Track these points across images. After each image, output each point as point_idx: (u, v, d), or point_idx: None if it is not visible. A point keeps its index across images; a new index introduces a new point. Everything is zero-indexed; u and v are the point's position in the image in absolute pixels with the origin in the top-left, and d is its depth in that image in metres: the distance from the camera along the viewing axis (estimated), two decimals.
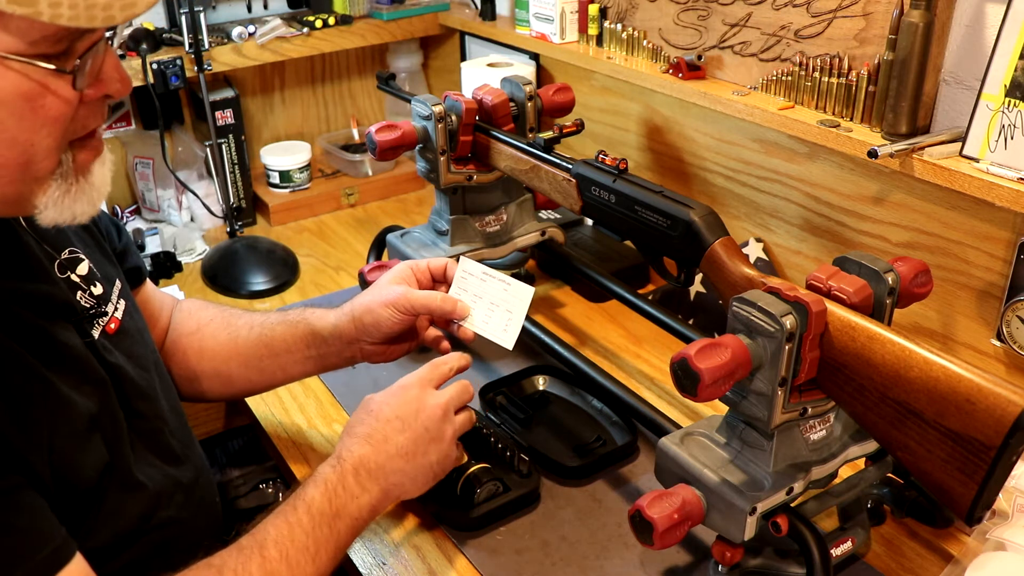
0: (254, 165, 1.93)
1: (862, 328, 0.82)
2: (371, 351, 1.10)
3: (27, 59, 0.67)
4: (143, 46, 1.64)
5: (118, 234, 1.07)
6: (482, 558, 1.03)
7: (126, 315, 0.96)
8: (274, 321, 1.13)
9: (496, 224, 1.42)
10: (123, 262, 1.05)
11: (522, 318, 1.06)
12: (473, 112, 1.32)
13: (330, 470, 0.91)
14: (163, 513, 0.90)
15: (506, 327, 1.06)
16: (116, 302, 0.95)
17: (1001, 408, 0.73)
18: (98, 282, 0.92)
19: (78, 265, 0.91)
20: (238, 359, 1.13)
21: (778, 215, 1.38)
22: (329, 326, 1.09)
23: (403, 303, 1.05)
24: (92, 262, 0.93)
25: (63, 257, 0.89)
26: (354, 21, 1.89)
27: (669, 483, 0.94)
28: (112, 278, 0.96)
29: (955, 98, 1.11)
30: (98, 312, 0.90)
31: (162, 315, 1.15)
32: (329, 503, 0.88)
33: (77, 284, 0.89)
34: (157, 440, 0.94)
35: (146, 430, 0.92)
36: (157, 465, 0.92)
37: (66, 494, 0.78)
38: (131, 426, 0.89)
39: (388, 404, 0.96)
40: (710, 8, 1.38)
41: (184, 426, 1.02)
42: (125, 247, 1.07)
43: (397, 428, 0.94)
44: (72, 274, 0.89)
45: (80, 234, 0.96)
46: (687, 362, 0.80)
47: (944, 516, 1.05)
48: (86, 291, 0.90)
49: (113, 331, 0.92)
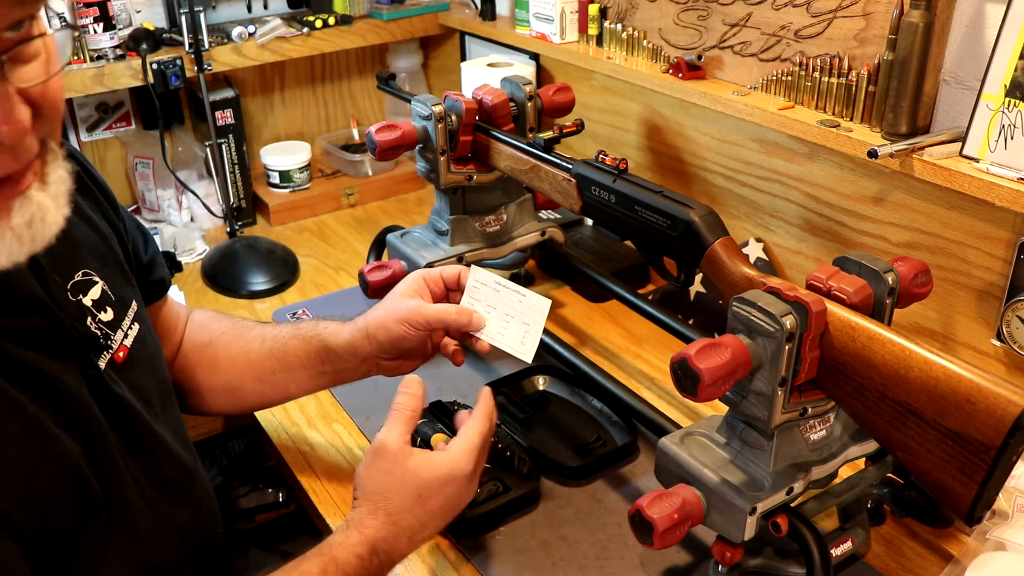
0: (254, 165, 1.93)
1: (862, 328, 0.82)
2: (388, 366, 1.07)
3: None
4: (143, 46, 1.64)
5: (145, 245, 1.04)
6: (482, 558, 1.03)
7: (137, 341, 0.91)
8: (286, 335, 1.10)
9: (496, 224, 1.42)
10: (148, 274, 1.02)
11: (540, 331, 1.03)
12: (473, 112, 1.32)
13: (361, 548, 0.86)
14: (158, 558, 0.87)
15: (523, 339, 1.03)
16: (128, 328, 0.90)
17: (1001, 408, 0.73)
18: (110, 307, 0.88)
19: (90, 289, 0.86)
20: (251, 373, 1.10)
21: (778, 215, 1.38)
22: (344, 343, 1.06)
23: (417, 319, 1.01)
24: (107, 283, 0.89)
25: (75, 280, 0.85)
26: (354, 21, 1.89)
27: (669, 483, 0.94)
28: (127, 300, 0.92)
29: (955, 98, 1.11)
30: (106, 341, 0.86)
31: (177, 329, 1.13)
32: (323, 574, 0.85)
33: (87, 309, 0.85)
34: (158, 475, 0.90)
35: (147, 464, 0.88)
36: (155, 504, 0.88)
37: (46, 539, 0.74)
38: (130, 462, 0.85)
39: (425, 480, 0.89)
40: (710, 8, 1.38)
41: (190, 454, 0.98)
42: (152, 259, 1.04)
43: (435, 513, 0.90)
44: (83, 298, 0.85)
45: (100, 250, 0.92)
46: (687, 362, 0.80)
47: (944, 516, 1.05)
48: (96, 317, 0.86)
49: (121, 359, 0.88)
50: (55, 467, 0.76)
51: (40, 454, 0.75)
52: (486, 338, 1.04)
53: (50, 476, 0.75)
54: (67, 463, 0.77)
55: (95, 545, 0.80)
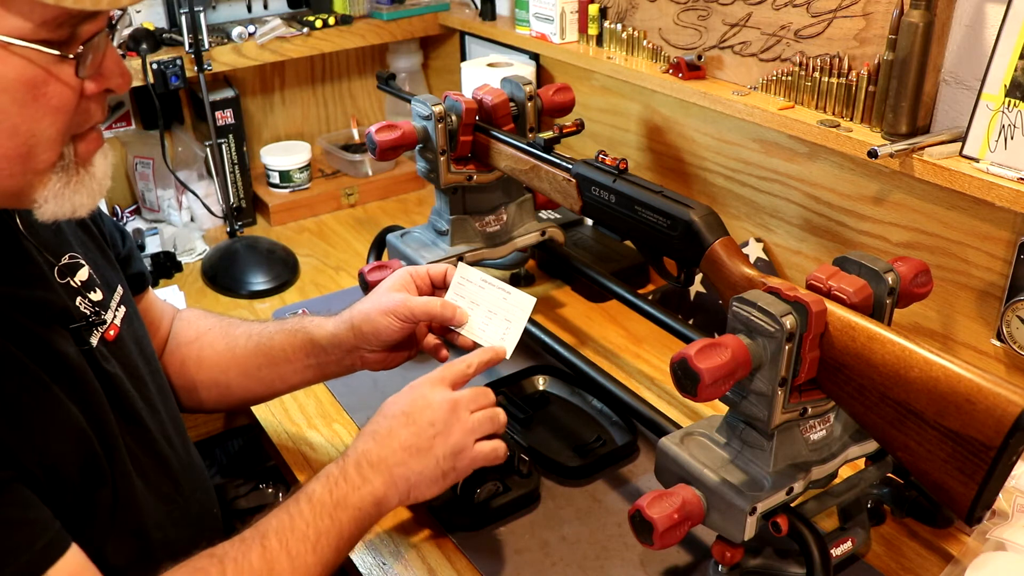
0: (254, 165, 1.93)
1: (862, 328, 0.82)
2: (371, 359, 1.08)
3: (30, 44, 0.66)
4: (143, 46, 1.64)
5: (122, 239, 1.06)
6: (482, 558, 1.03)
7: (125, 322, 0.94)
8: (272, 330, 1.12)
9: (496, 224, 1.42)
10: (126, 268, 1.04)
11: (521, 328, 1.04)
12: (473, 112, 1.32)
13: (333, 465, 0.91)
14: (158, 533, 0.89)
15: (503, 336, 1.04)
16: (116, 309, 0.93)
17: (1001, 408, 0.73)
18: (98, 288, 0.91)
19: (78, 271, 0.89)
20: (236, 368, 1.11)
21: (778, 215, 1.38)
22: (328, 335, 1.08)
23: (402, 311, 1.03)
24: (93, 267, 0.92)
25: (62, 262, 0.88)
26: (354, 21, 1.89)
27: (669, 483, 0.94)
28: (113, 284, 0.95)
29: (955, 98, 1.11)
30: (97, 319, 0.89)
31: (162, 324, 1.15)
32: (330, 494, 0.88)
33: (76, 290, 0.88)
34: (153, 451, 0.92)
35: (142, 441, 0.91)
36: (151, 480, 0.90)
37: (60, 495, 0.77)
38: (126, 438, 0.87)
39: (396, 402, 0.96)
40: (710, 8, 1.38)
41: (183, 436, 1.01)
42: (129, 252, 1.07)
43: (402, 423, 0.93)
44: (71, 280, 0.88)
45: (81, 237, 0.95)
46: (687, 362, 0.80)
47: (944, 516, 1.05)
48: (85, 297, 0.88)
49: (112, 338, 0.91)
50: (63, 431, 0.79)
51: (49, 417, 0.78)
52: (467, 333, 1.05)
53: (59, 438, 0.78)
54: (74, 427, 0.80)
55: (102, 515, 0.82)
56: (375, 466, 0.91)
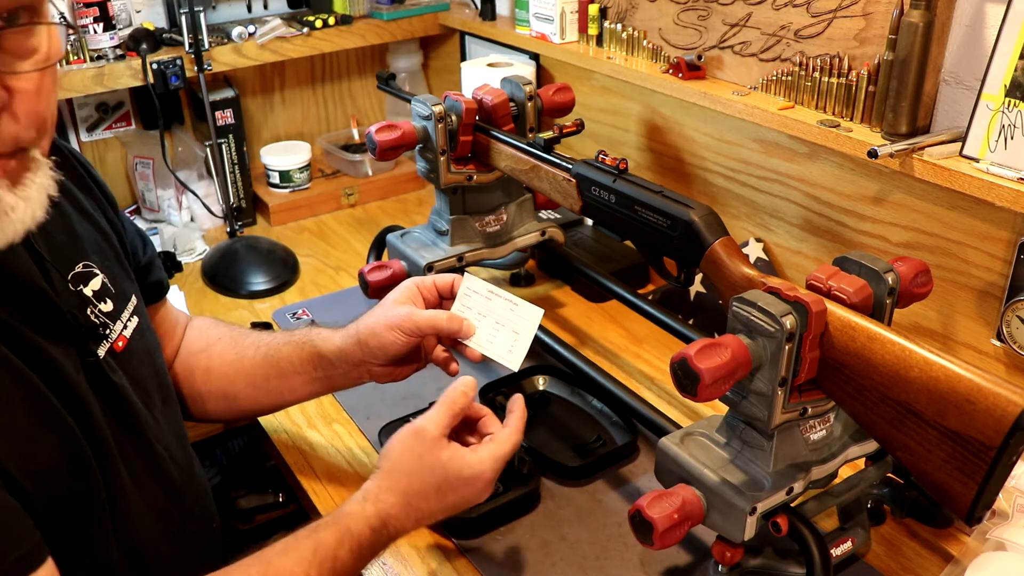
0: (254, 165, 1.93)
1: (862, 328, 0.82)
2: (379, 372, 1.07)
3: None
4: (143, 46, 1.64)
5: (143, 247, 1.05)
6: (482, 558, 1.03)
7: (136, 333, 0.93)
8: (280, 341, 1.11)
9: (496, 224, 1.42)
10: (146, 276, 1.03)
11: (530, 340, 1.03)
12: (473, 112, 1.32)
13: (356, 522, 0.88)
14: (152, 548, 0.88)
15: (512, 348, 1.03)
16: (127, 320, 0.92)
17: (1001, 408, 0.73)
18: (110, 299, 0.90)
19: (91, 280, 0.88)
20: (244, 379, 1.10)
21: (778, 215, 1.38)
22: (335, 349, 1.06)
23: (408, 325, 1.01)
24: (107, 276, 0.91)
25: (76, 271, 0.87)
26: (354, 21, 1.89)
27: (669, 483, 0.94)
28: (127, 294, 0.94)
29: (955, 98, 1.11)
30: (105, 331, 0.88)
31: (176, 332, 1.14)
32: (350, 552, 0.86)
33: (87, 299, 0.87)
34: (152, 464, 0.91)
35: (142, 454, 0.90)
36: (149, 494, 0.89)
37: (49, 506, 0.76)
38: (125, 450, 0.86)
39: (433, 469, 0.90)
40: (710, 8, 1.38)
41: (185, 450, 0.99)
42: (150, 261, 1.05)
43: (435, 498, 0.90)
44: (83, 288, 0.87)
45: (100, 245, 0.93)
46: (687, 362, 0.80)
47: (944, 516, 1.05)
48: (95, 307, 0.87)
49: (120, 349, 0.89)
50: (54, 438, 0.78)
51: (41, 424, 0.77)
52: (474, 345, 1.03)
53: (49, 445, 0.77)
54: (65, 436, 0.79)
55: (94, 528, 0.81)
56: (398, 534, 0.90)
